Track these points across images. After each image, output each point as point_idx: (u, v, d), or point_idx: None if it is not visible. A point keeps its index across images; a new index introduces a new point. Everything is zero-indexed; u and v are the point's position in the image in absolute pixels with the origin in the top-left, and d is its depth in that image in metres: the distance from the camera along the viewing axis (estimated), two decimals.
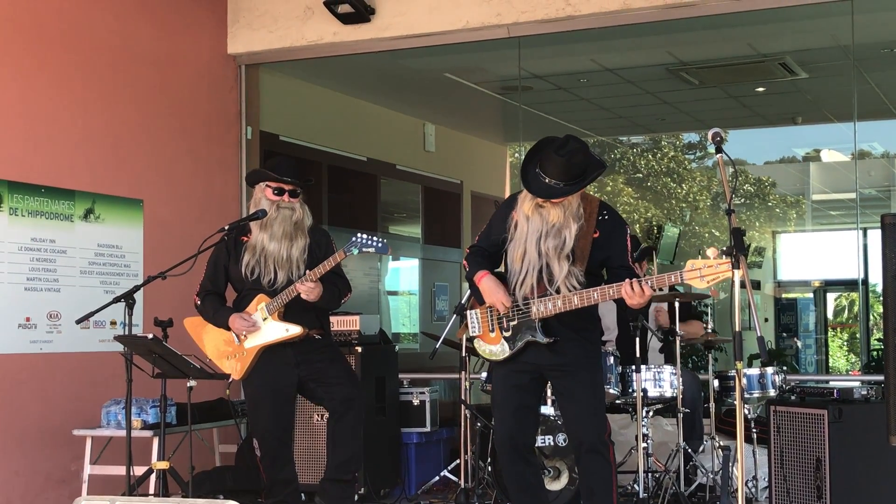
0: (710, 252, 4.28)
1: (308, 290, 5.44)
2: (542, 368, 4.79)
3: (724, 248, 4.20)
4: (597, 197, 4.86)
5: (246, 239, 5.66)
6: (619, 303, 4.62)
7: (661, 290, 6.66)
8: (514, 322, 4.75)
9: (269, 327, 5.57)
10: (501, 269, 4.90)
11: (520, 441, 4.84)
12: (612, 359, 6.26)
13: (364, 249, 5.34)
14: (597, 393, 4.83)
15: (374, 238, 5.36)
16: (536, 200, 4.67)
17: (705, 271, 4.26)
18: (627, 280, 4.47)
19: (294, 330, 5.55)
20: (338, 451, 5.70)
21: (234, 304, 5.72)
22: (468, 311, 4.99)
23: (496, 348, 4.83)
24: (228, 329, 5.63)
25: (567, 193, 4.62)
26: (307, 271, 5.48)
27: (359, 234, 5.37)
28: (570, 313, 4.65)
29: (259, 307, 5.57)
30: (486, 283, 4.77)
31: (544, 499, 4.97)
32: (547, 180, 4.61)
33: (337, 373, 5.68)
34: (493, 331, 4.84)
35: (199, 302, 5.74)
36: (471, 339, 5.10)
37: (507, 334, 4.78)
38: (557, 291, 4.63)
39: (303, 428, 6.68)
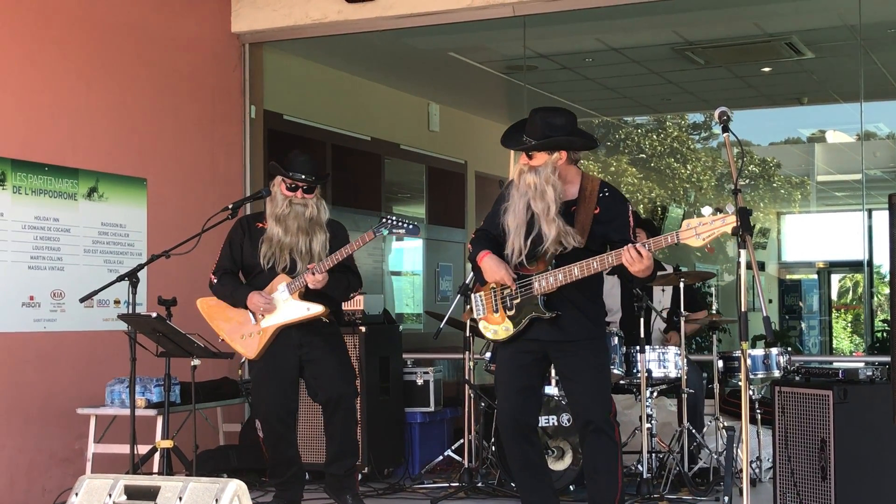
0: (705, 210, 4.25)
1: (315, 281, 5.46)
2: (545, 346, 4.78)
3: (717, 206, 4.19)
4: (598, 177, 4.89)
5: (261, 225, 5.65)
6: (623, 275, 4.62)
7: (664, 269, 6.68)
8: (518, 300, 4.74)
9: (289, 306, 5.55)
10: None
11: (523, 421, 4.84)
12: (616, 339, 6.26)
13: (395, 231, 5.38)
14: (601, 373, 4.84)
15: (405, 220, 5.42)
16: (519, 165, 4.77)
17: (700, 228, 4.23)
18: (627, 246, 4.46)
19: (316, 308, 5.54)
20: (331, 445, 5.74)
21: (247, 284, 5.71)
22: (472, 294, 4.99)
23: (500, 328, 4.82)
24: (245, 308, 5.63)
25: (526, 148, 4.70)
26: (316, 263, 5.48)
27: (388, 216, 5.46)
28: (573, 289, 4.66)
29: (280, 286, 5.56)
30: (488, 262, 4.78)
31: (548, 479, 4.97)
32: (524, 137, 4.72)
33: (332, 367, 5.66)
34: (496, 311, 4.84)
35: (215, 280, 5.70)
36: (476, 321, 5.10)
37: (511, 313, 4.77)
38: (557, 260, 4.63)
39: (307, 408, 6.68)
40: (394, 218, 5.43)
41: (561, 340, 4.74)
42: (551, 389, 6.14)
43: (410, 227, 5.42)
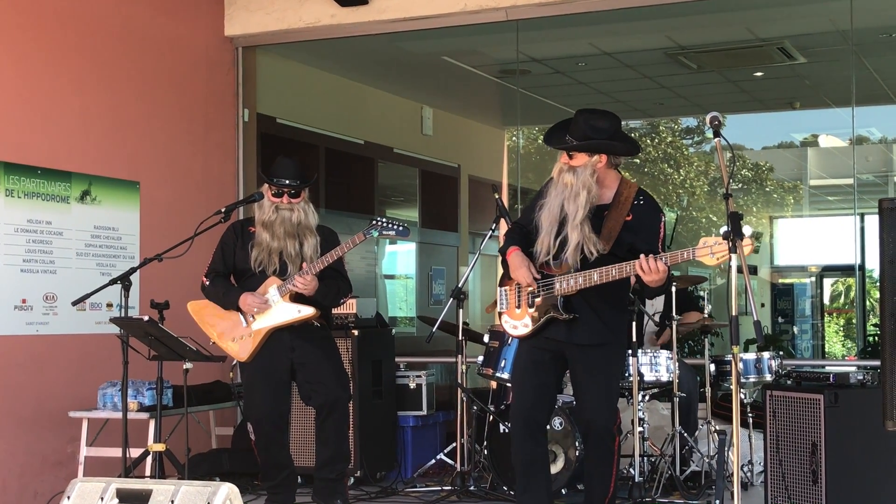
0: (723, 229, 4.25)
1: (305, 283, 5.46)
2: (562, 346, 4.81)
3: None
4: (636, 183, 4.89)
5: (253, 230, 5.67)
6: (639, 283, 4.66)
7: None
8: (539, 298, 4.79)
9: (279, 308, 5.57)
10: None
11: (534, 418, 4.87)
12: None
13: (385, 232, 5.40)
14: (610, 381, 4.87)
15: (395, 221, 5.42)
16: (560, 164, 4.80)
17: (716, 248, 4.24)
18: (642, 256, 4.48)
19: (307, 311, 5.55)
20: (323, 450, 5.75)
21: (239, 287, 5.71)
22: (498, 288, 5.06)
23: (521, 324, 4.89)
24: (237, 310, 5.63)
25: (566, 147, 4.74)
26: (307, 264, 5.49)
27: (379, 218, 5.46)
28: (595, 294, 4.69)
29: (271, 289, 5.57)
30: (514, 259, 4.85)
31: (546, 482, 4.95)
32: (567, 137, 4.75)
33: (326, 372, 5.67)
34: (518, 307, 4.90)
35: (206, 282, 5.72)
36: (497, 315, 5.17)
37: (532, 310, 4.83)
38: (582, 263, 4.65)
39: (300, 412, 6.67)
40: (384, 220, 5.46)
41: (575, 343, 4.77)
42: None
43: (401, 228, 5.44)
